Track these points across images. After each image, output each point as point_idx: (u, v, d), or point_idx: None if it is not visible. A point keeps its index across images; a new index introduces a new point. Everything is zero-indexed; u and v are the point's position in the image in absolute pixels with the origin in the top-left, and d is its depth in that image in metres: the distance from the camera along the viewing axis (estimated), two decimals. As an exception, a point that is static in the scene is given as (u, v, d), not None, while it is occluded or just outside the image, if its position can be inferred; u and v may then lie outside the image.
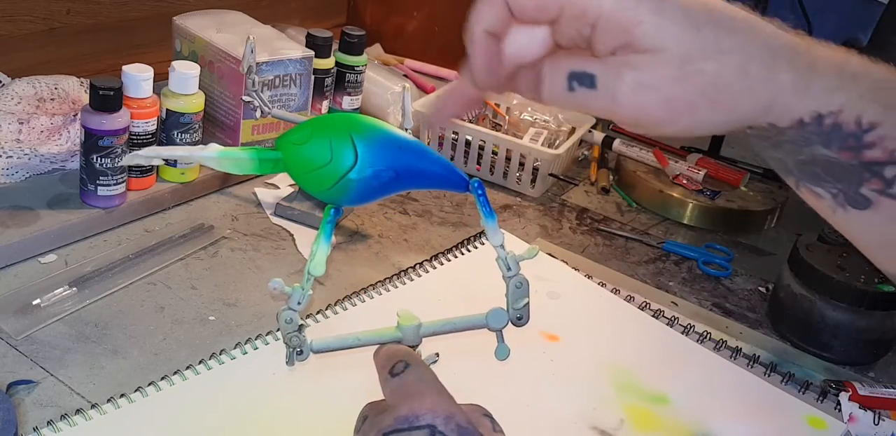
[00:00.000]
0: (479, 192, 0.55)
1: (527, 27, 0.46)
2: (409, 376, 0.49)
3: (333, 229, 0.53)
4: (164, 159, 0.53)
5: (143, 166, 0.86)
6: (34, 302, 0.75)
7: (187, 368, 0.70)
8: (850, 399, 0.78)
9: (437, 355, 0.54)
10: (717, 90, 0.43)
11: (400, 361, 0.50)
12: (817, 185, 0.46)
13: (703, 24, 0.43)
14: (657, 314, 0.87)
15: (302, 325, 0.53)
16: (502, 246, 0.56)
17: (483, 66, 0.46)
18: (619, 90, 0.43)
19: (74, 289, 0.77)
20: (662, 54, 0.43)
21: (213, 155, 0.50)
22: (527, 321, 0.56)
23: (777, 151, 0.47)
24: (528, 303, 0.55)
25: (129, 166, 0.87)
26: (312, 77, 1.02)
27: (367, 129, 0.51)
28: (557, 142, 1.13)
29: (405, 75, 1.29)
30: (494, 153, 1.09)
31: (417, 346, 0.53)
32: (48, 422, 0.62)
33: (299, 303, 0.53)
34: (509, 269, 0.56)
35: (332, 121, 0.51)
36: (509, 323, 0.55)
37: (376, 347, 0.53)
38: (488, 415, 0.50)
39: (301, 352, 0.52)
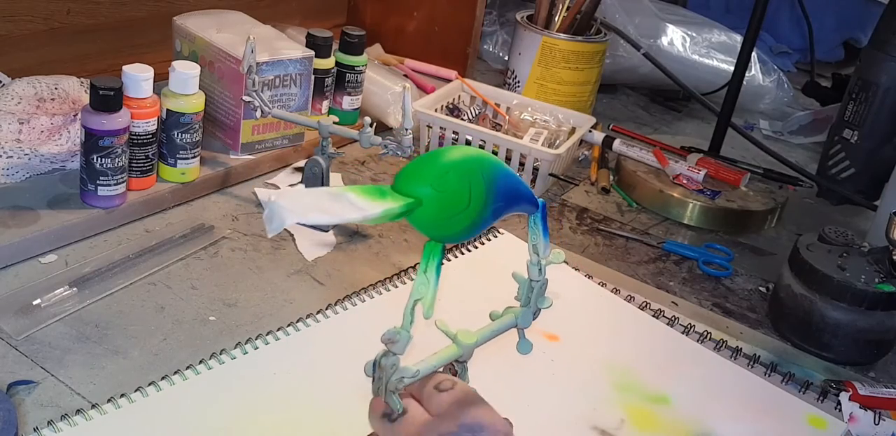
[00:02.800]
0: (545, 212, 0.57)
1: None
2: (459, 390, 0.52)
3: None
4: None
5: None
6: (34, 302, 0.75)
7: (187, 368, 0.70)
8: (850, 399, 0.78)
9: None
10: None
11: (446, 379, 0.53)
12: None
13: None
14: (657, 314, 0.87)
15: (417, 372, 0.53)
16: (538, 253, 0.58)
17: None
18: None
19: (75, 289, 0.77)
20: None
21: (378, 214, 0.48)
22: (537, 316, 0.60)
23: None
24: (549, 306, 0.59)
25: (129, 167, 0.87)
26: (312, 77, 1.02)
27: (491, 168, 0.51)
28: (557, 142, 1.13)
29: (405, 75, 1.29)
30: (494, 153, 1.09)
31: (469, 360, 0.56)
32: (48, 422, 0.62)
33: (404, 348, 0.52)
34: (540, 273, 0.58)
35: (467, 163, 0.50)
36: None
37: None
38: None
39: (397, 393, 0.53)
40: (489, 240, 0.95)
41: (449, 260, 0.90)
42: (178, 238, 0.87)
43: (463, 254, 0.92)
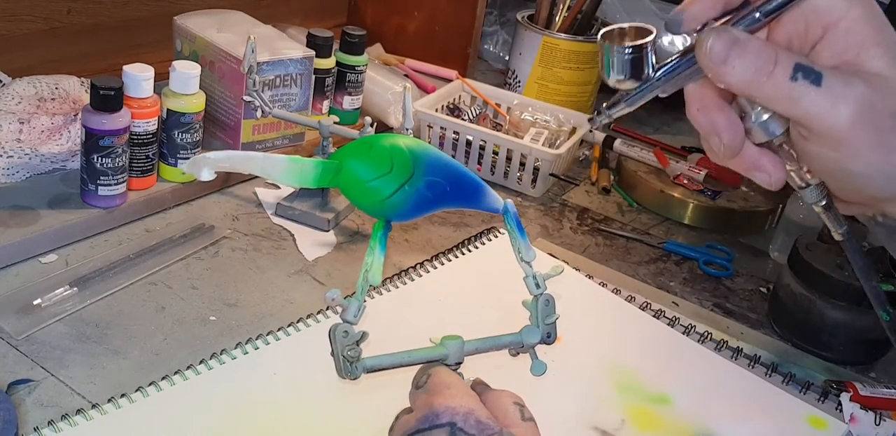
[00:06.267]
0: (513, 211, 0.57)
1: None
2: (430, 382, 0.50)
3: (386, 241, 0.54)
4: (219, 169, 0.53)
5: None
6: (35, 302, 0.75)
7: (188, 368, 0.70)
8: (851, 399, 0.78)
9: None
10: None
11: (424, 375, 0.51)
12: None
13: None
14: (658, 314, 0.87)
15: (363, 335, 0.53)
16: (530, 264, 0.57)
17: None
18: (844, 98, 0.41)
19: (75, 289, 0.77)
20: (887, 83, 0.41)
21: (283, 159, 0.51)
22: (554, 339, 0.58)
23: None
24: (556, 319, 0.57)
25: (130, 166, 0.87)
26: (313, 77, 1.02)
27: (420, 144, 0.53)
28: (558, 142, 1.13)
29: (406, 75, 1.29)
30: (495, 153, 1.09)
31: (461, 364, 0.55)
32: (49, 422, 0.62)
33: (355, 315, 0.53)
34: (538, 286, 0.57)
35: (389, 137, 0.54)
36: (541, 340, 0.57)
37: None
38: (519, 403, 0.50)
39: (354, 363, 0.52)
40: (489, 240, 0.95)
41: (449, 260, 0.90)
42: (179, 238, 0.87)
43: (463, 254, 0.92)
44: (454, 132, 1.10)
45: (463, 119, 1.14)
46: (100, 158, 0.83)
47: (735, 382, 0.80)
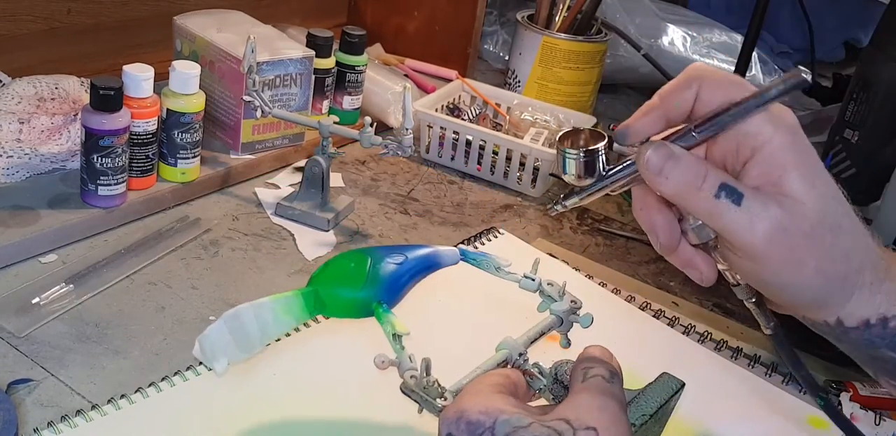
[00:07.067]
0: (467, 253, 0.67)
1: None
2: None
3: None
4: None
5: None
6: (33, 301, 0.75)
7: (188, 368, 0.70)
8: (851, 399, 0.78)
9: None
10: (825, 258, 0.47)
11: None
12: (894, 379, 0.51)
13: (833, 197, 0.47)
14: (658, 314, 0.87)
15: (425, 363, 0.54)
16: (510, 273, 0.66)
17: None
18: (760, 218, 0.45)
19: (71, 286, 0.77)
20: (804, 207, 0.46)
21: (268, 300, 0.62)
22: (580, 305, 0.65)
23: (845, 345, 0.52)
24: (565, 286, 0.65)
25: (130, 166, 0.87)
26: (313, 77, 1.02)
27: (365, 247, 0.63)
28: (558, 142, 1.13)
29: (406, 75, 1.29)
30: (495, 153, 1.09)
31: (523, 355, 0.58)
32: (49, 423, 0.62)
33: (411, 361, 0.55)
34: (532, 280, 0.64)
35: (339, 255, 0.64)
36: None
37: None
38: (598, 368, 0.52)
39: (444, 394, 0.53)
40: (489, 240, 0.95)
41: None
42: (178, 238, 0.87)
43: (463, 254, 0.92)
44: (454, 132, 1.10)
45: (463, 119, 1.14)
46: (100, 158, 0.83)
47: (735, 381, 0.80)
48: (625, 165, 0.50)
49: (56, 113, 0.91)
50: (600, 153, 0.50)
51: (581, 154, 0.49)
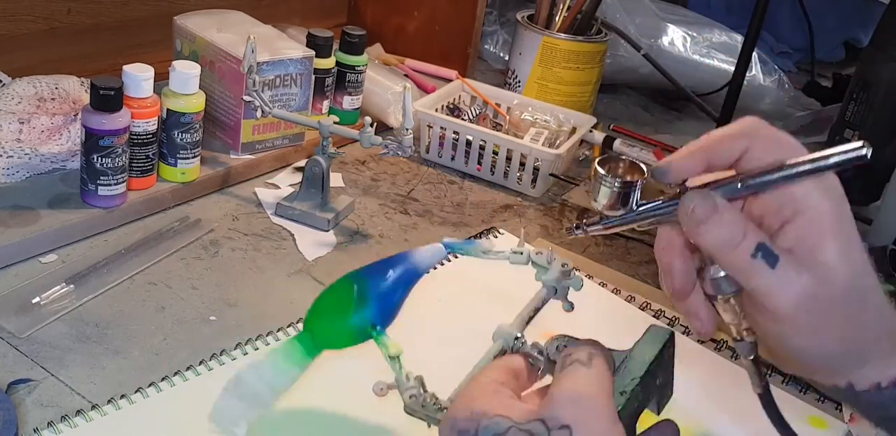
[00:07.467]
0: (452, 246, 0.66)
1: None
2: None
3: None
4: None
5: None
6: (33, 301, 0.75)
7: (188, 368, 0.70)
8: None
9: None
10: (848, 328, 0.47)
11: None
12: None
13: (864, 270, 0.47)
14: (658, 314, 0.87)
15: (418, 380, 0.55)
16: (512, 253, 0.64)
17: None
18: (792, 283, 0.46)
19: (72, 286, 0.77)
20: (836, 277, 0.46)
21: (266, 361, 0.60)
22: (570, 267, 0.66)
23: (855, 407, 0.51)
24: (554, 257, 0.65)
25: (130, 166, 0.87)
26: (313, 77, 1.02)
27: (349, 272, 0.60)
28: (558, 142, 1.13)
29: (406, 75, 1.29)
30: (495, 153, 1.09)
31: (520, 339, 0.57)
32: (49, 423, 0.62)
33: (407, 380, 0.55)
34: (526, 257, 0.64)
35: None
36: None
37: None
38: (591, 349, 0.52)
39: (443, 409, 0.54)
40: (489, 240, 0.95)
41: (449, 260, 0.90)
42: (178, 238, 0.87)
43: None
44: (454, 132, 1.10)
45: (463, 119, 1.14)
46: (100, 158, 0.83)
47: (734, 381, 0.79)
48: (657, 204, 0.50)
49: (56, 113, 0.91)
50: (637, 187, 0.49)
51: (618, 184, 0.49)
